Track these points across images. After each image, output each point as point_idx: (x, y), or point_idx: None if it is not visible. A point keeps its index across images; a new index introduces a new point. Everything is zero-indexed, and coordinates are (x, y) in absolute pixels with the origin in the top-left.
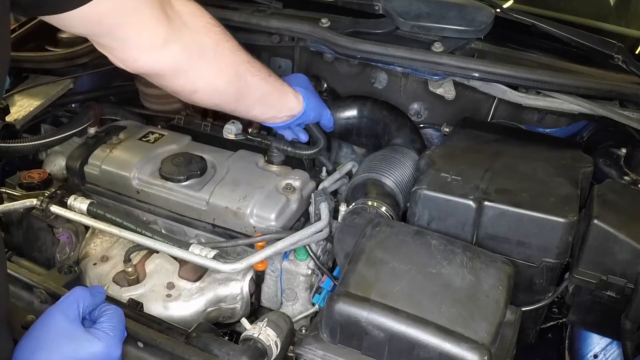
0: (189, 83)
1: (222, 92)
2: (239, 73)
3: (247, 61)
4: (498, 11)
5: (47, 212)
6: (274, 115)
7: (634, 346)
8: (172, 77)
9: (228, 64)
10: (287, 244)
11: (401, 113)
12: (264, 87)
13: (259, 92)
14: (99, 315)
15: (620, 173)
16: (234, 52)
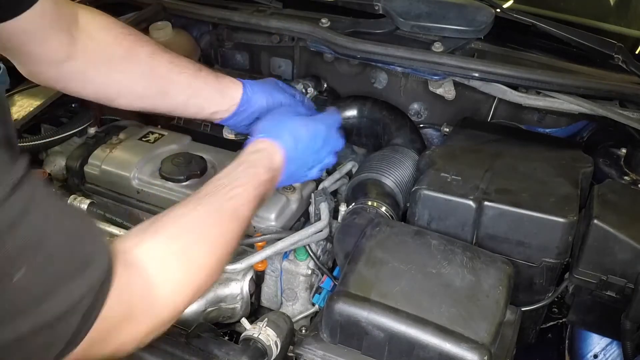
0: (102, 92)
1: (143, 96)
2: (160, 75)
3: (170, 61)
4: (498, 11)
5: None
6: (218, 109)
7: (634, 346)
8: (82, 88)
9: (144, 68)
10: (287, 244)
11: (401, 113)
12: (194, 83)
13: (189, 90)
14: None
15: (620, 173)
16: (150, 56)
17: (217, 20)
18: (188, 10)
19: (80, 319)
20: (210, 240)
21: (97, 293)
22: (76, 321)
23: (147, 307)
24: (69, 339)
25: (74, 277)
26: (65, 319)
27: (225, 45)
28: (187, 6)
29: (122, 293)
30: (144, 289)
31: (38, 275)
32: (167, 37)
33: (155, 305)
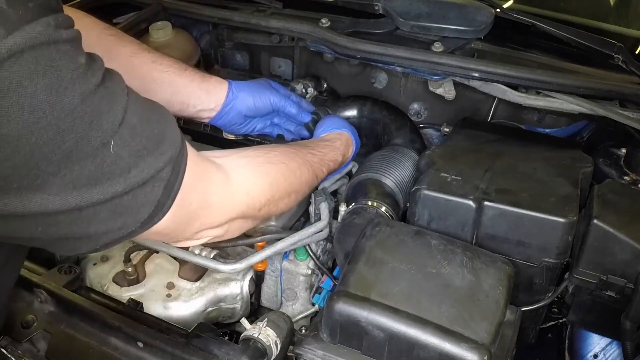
0: None
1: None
2: (142, 73)
3: (152, 60)
4: (498, 11)
5: None
6: (203, 108)
7: (634, 346)
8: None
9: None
10: (287, 244)
11: (401, 113)
12: (177, 81)
13: (172, 88)
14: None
15: (620, 173)
16: (133, 55)
17: (217, 20)
18: (188, 10)
19: (164, 189)
20: (287, 168)
21: (174, 166)
22: (159, 189)
23: (224, 197)
24: (155, 204)
25: (152, 151)
26: (150, 184)
27: (225, 45)
28: (187, 6)
29: (200, 177)
30: (221, 180)
31: (126, 146)
32: (167, 37)
33: (232, 196)
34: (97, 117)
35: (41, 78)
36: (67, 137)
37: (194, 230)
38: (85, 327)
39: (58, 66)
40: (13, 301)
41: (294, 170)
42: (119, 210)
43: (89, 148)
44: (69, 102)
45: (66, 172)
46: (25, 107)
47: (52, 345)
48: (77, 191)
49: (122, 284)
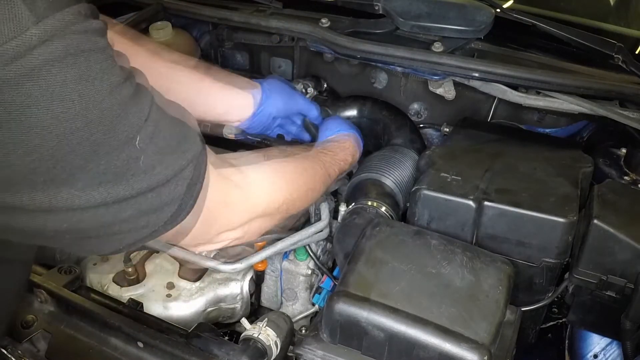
0: None
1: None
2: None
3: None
4: (498, 11)
5: None
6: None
7: (634, 346)
8: None
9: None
10: (287, 244)
11: (401, 113)
12: (199, 82)
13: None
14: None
15: (620, 173)
16: (153, 55)
17: (217, 20)
18: (188, 10)
19: (187, 187)
20: (301, 167)
21: (196, 165)
22: (182, 188)
23: (242, 197)
24: (179, 203)
25: (175, 149)
26: (174, 183)
27: (225, 45)
28: (187, 6)
29: (220, 178)
30: (240, 181)
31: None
32: (167, 37)
33: (251, 196)
34: (124, 111)
35: (71, 66)
36: (94, 129)
37: (215, 231)
38: (85, 327)
39: (88, 55)
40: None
41: (308, 169)
42: (143, 208)
43: (116, 142)
44: (98, 92)
45: (92, 166)
46: (55, 95)
47: (52, 345)
48: (102, 187)
49: (122, 284)
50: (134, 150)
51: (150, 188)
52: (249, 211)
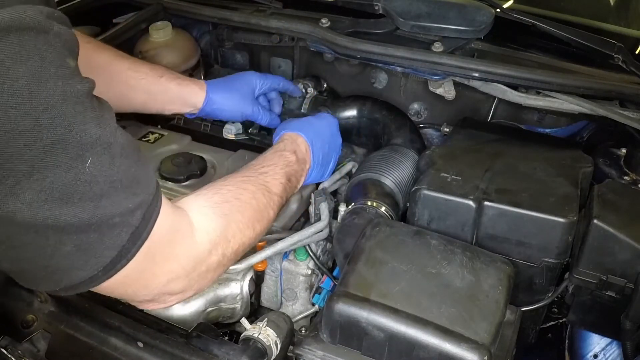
0: None
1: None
2: (119, 80)
3: (129, 67)
4: (498, 11)
5: None
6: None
7: (634, 346)
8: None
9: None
10: (287, 244)
11: (401, 113)
12: (154, 89)
13: (148, 95)
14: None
15: (620, 173)
16: (109, 63)
17: (217, 20)
18: (188, 10)
19: (130, 235)
20: (241, 202)
21: (145, 213)
22: (127, 234)
23: (188, 247)
24: (119, 249)
25: (126, 187)
26: (119, 228)
27: (225, 45)
28: (187, 6)
29: (168, 227)
30: (186, 229)
31: (102, 170)
32: (167, 37)
33: (195, 247)
34: (79, 126)
35: (24, 62)
36: (44, 135)
37: (158, 284)
38: (85, 327)
39: (43, 56)
40: (13, 301)
41: (249, 202)
42: (83, 246)
43: (65, 157)
44: (50, 96)
45: (39, 177)
46: (5, 89)
47: (52, 345)
48: (47, 205)
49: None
50: (83, 172)
51: (94, 223)
52: (195, 260)
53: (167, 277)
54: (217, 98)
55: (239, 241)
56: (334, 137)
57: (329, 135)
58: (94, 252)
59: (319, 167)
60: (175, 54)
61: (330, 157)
